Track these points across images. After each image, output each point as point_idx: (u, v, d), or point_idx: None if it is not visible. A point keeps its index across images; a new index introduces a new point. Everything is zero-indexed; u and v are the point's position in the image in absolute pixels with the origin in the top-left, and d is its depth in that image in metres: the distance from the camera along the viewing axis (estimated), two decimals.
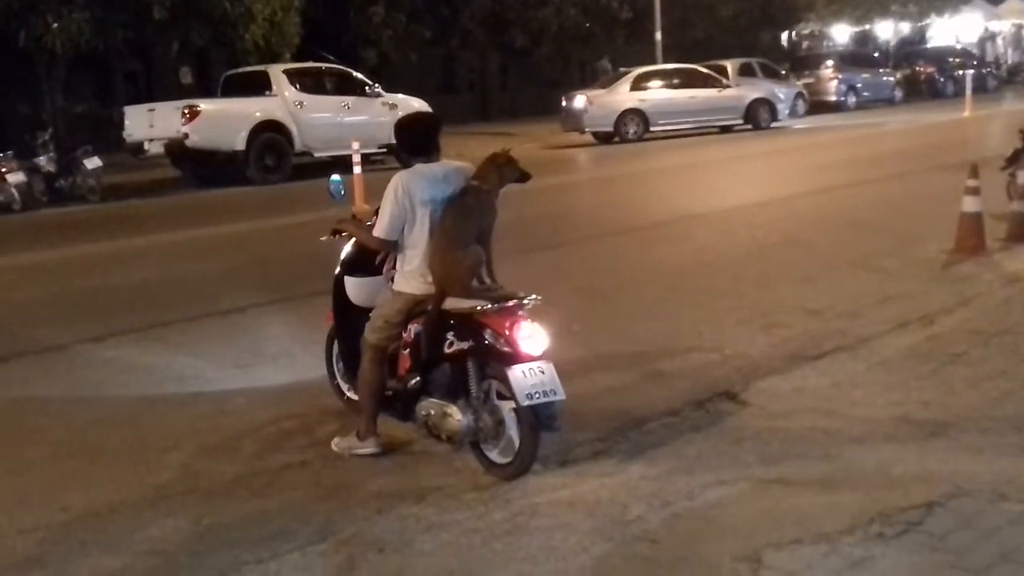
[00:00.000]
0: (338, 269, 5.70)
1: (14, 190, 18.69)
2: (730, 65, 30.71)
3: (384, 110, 22.99)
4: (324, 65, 23.72)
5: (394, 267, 5.27)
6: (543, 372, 4.71)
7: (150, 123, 21.33)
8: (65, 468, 5.29)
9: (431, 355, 5.05)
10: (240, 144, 20.42)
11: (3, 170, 18.77)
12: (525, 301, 4.85)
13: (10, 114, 28.63)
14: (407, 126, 5.31)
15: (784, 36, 48.79)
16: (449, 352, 4.99)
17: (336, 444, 5.33)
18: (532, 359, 4.72)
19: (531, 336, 4.74)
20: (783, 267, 9.27)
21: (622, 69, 28.65)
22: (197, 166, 20.97)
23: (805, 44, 50.67)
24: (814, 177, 15.63)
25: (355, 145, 15.41)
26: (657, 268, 9.66)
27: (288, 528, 4.36)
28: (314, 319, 6.59)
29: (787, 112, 28.40)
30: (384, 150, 23.09)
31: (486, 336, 4.81)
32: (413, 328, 5.12)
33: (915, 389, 5.65)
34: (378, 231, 5.07)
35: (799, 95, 31.89)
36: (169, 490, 4.88)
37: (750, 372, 6.14)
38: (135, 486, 4.95)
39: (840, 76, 34.63)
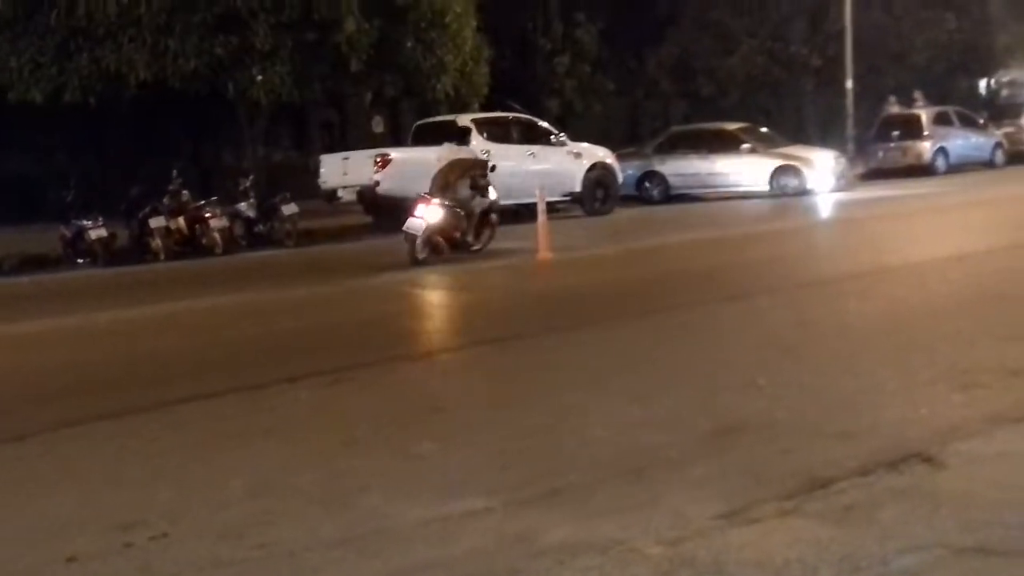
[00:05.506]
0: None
1: (217, 234, 19.68)
2: (924, 114, 29.82)
3: (569, 159, 23.24)
4: (511, 115, 24.16)
5: None
6: (421, 218, 15.16)
7: (344, 171, 22.15)
8: (259, 506, 5.47)
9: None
10: None
11: (208, 215, 19.80)
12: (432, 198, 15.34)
13: (215, 162, 30.16)
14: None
15: (982, 83, 47.03)
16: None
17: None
18: (419, 215, 15.20)
19: (423, 207, 15.25)
20: (981, 323, 8.87)
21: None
22: (387, 213, 21.68)
23: (1005, 92, 48.70)
24: (1013, 232, 14.97)
25: (540, 193, 15.63)
26: (845, 322, 9.40)
27: None
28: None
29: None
30: (568, 198, 23.26)
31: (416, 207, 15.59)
32: None
33: None
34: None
35: (998, 145, 30.69)
36: (357, 531, 4.99)
37: (947, 433, 5.87)
38: (324, 526, 5.09)
39: None
